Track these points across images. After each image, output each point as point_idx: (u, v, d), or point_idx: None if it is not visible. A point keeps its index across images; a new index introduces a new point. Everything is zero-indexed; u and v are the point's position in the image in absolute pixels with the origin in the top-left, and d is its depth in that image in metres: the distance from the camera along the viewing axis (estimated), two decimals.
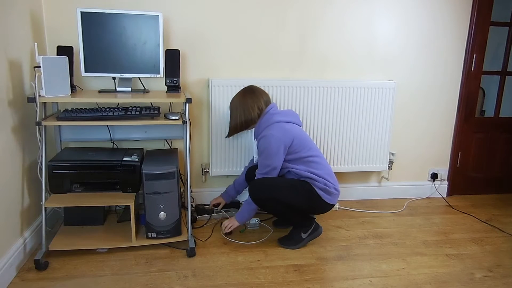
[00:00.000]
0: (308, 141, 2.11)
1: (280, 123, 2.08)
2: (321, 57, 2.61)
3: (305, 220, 2.14)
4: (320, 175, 2.05)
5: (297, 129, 2.11)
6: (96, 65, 2.13)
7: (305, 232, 2.14)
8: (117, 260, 1.95)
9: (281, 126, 2.06)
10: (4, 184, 1.75)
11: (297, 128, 2.12)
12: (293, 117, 2.15)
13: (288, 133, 2.04)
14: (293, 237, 2.15)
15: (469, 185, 3.07)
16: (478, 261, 2.08)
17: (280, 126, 2.06)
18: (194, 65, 2.46)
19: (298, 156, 2.07)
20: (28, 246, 1.95)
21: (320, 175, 2.05)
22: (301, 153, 2.07)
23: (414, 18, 2.67)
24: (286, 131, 2.05)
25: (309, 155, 2.07)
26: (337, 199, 2.13)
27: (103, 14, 2.08)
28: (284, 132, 2.04)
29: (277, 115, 2.11)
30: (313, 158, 2.08)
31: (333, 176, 2.11)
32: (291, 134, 2.05)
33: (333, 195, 2.08)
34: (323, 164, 2.10)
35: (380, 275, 1.90)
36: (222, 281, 1.81)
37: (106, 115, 1.90)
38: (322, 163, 2.10)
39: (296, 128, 2.11)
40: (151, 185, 1.96)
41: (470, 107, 2.90)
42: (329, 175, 2.08)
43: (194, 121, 2.54)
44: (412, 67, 2.75)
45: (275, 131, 2.03)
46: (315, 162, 2.08)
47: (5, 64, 1.76)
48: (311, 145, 2.11)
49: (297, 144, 2.06)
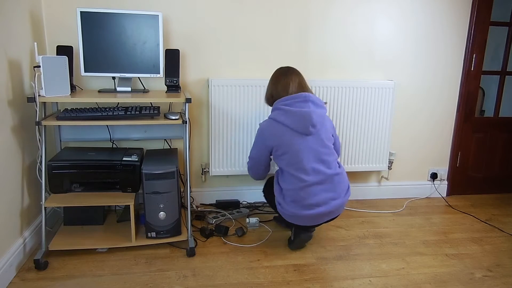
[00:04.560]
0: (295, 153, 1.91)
1: (274, 120, 1.97)
2: (321, 57, 2.61)
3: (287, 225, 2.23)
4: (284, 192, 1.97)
5: (289, 136, 1.92)
6: (96, 65, 2.13)
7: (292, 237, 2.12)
8: (117, 260, 1.95)
9: (273, 123, 1.96)
10: (4, 184, 1.75)
11: (289, 135, 1.92)
12: (295, 122, 1.91)
13: (274, 135, 1.94)
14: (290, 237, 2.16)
15: (469, 185, 3.07)
16: (477, 260, 2.08)
17: (272, 123, 1.97)
18: (194, 65, 2.46)
19: (280, 165, 1.98)
20: (28, 246, 1.95)
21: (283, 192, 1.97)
22: (280, 163, 1.97)
23: (414, 18, 2.67)
24: (274, 129, 1.94)
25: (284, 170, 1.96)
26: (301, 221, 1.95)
27: (103, 14, 2.07)
28: (272, 131, 1.95)
29: (277, 111, 1.97)
30: (286, 173, 1.95)
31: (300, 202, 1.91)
32: (277, 137, 1.93)
33: (288, 216, 1.96)
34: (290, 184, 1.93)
35: (380, 275, 1.90)
36: (222, 281, 1.81)
37: (106, 115, 1.90)
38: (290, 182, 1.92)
39: (288, 135, 1.92)
40: (151, 185, 1.96)
41: (469, 107, 2.90)
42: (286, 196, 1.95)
43: (194, 121, 2.54)
44: (412, 67, 2.75)
45: (266, 125, 1.99)
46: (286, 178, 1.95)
47: (5, 64, 1.76)
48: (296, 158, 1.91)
49: (280, 151, 1.94)
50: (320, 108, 1.99)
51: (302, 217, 1.94)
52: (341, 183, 1.98)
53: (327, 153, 1.96)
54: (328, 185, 1.94)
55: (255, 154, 2.06)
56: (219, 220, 2.41)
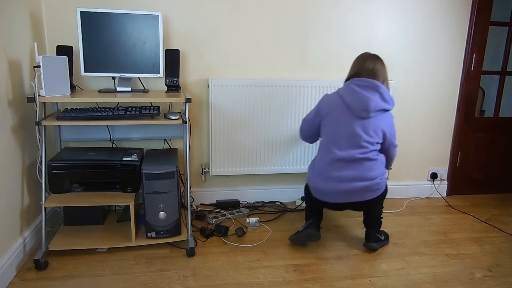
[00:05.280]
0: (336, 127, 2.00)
1: (336, 93, 2.07)
2: (321, 57, 2.61)
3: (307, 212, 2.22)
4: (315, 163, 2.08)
5: (341, 110, 1.99)
6: (95, 65, 2.13)
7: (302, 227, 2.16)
8: (117, 260, 1.95)
9: (333, 95, 2.07)
10: (4, 184, 1.75)
11: (342, 109, 1.99)
12: (352, 102, 1.97)
13: (329, 104, 2.05)
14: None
15: (469, 185, 3.07)
16: (477, 260, 2.08)
17: (333, 94, 2.07)
18: (194, 65, 2.46)
19: (323, 135, 2.08)
20: (28, 246, 1.95)
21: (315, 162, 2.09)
22: (322, 131, 2.09)
23: (414, 18, 2.67)
24: (331, 99, 2.05)
25: (323, 140, 2.07)
26: (321, 195, 2.05)
27: (102, 14, 2.07)
28: (328, 100, 2.06)
29: (345, 86, 2.04)
30: (323, 143, 2.06)
31: (319, 173, 2.03)
32: (330, 107, 2.03)
33: (312, 188, 2.09)
34: (321, 155, 2.05)
35: (380, 275, 1.90)
36: (222, 280, 1.81)
37: (106, 114, 1.90)
38: (321, 153, 2.06)
39: (340, 109, 1.99)
40: (150, 185, 1.96)
41: (469, 107, 2.91)
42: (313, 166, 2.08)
43: (194, 121, 2.54)
44: (411, 67, 2.75)
45: (328, 94, 2.10)
46: (321, 149, 2.07)
47: (5, 64, 1.76)
48: (334, 134, 2.00)
49: (326, 120, 2.04)
50: (385, 103, 2.00)
51: (324, 191, 2.02)
52: (372, 170, 1.98)
53: (368, 142, 1.97)
54: (356, 165, 1.97)
55: (310, 117, 2.16)
56: (219, 220, 2.41)
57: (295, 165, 2.65)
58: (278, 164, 2.63)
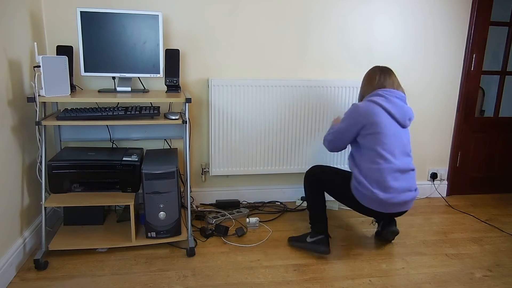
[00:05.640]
0: (389, 138, 1.94)
1: (372, 102, 1.98)
2: (320, 57, 2.61)
3: (316, 224, 2.10)
4: (365, 171, 1.95)
5: (387, 120, 1.95)
6: (95, 65, 2.13)
7: (311, 237, 2.09)
8: (117, 260, 1.95)
9: (372, 105, 1.97)
10: (4, 184, 1.75)
11: (388, 120, 1.96)
12: (395, 110, 1.97)
13: (372, 114, 1.93)
14: (300, 236, 2.15)
15: (469, 184, 3.07)
16: (477, 260, 2.08)
17: (372, 105, 1.97)
18: (194, 65, 2.46)
19: (366, 144, 1.96)
20: (28, 246, 1.95)
21: (364, 171, 1.95)
22: (369, 141, 1.95)
23: (414, 17, 2.67)
24: (373, 110, 1.95)
25: (375, 149, 1.93)
26: (376, 206, 1.94)
27: (102, 13, 2.07)
28: (370, 110, 1.94)
29: (377, 96, 2.01)
30: (376, 153, 1.93)
31: (383, 183, 1.91)
32: (375, 117, 1.93)
33: (366, 197, 1.93)
34: (380, 166, 1.92)
35: (380, 275, 1.90)
36: (222, 280, 1.81)
37: (106, 114, 1.90)
38: (380, 163, 1.92)
39: (386, 119, 1.95)
40: (150, 185, 1.96)
41: (469, 106, 2.91)
42: (372, 177, 1.93)
43: (194, 121, 2.54)
44: (411, 67, 2.76)
45: (364, 104, 1.98)
46: (374, 158, 1.93)
47: (5, 63, 1.76)
48: (389, 143, 1.94)
49: (374, 130, 1.93)
50: None
51: (381, 201, 1.92)
52: (414, 180, 2.05)
53: (410, 150, 2.05)
54: (408, 175, 2.00)
55: (343, 128, 2.03)
56: (219, 220, 2.41)
57: (295, 165, 2.65)
58: (278, 164, 2.63)
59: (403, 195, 1.95)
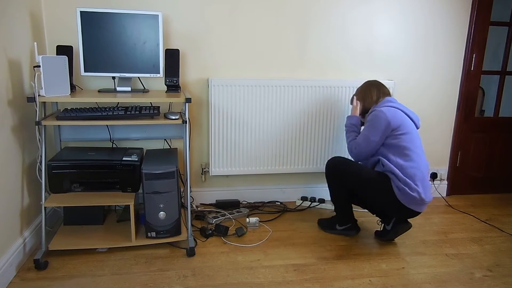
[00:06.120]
0: (415, 137, 2.08)
1: (391, 107, 2.10)
2: (320, 57, 2.61)
3: (343, 217, 2.25)
4: (406, 171, 2.00)
5: (408, 121, 2.10)
6: (95, 65, 2.13)
7: (340, 225, 2.27)
8: (117, 260, 1.95)
9: (393, 109, 2.09)
10: (4, 184, 1.75)
11: (409, 121, 2.11)
12: (411, 114, 2.14)
13: (398, 117, 2.06)
14: (329, 223, 2.32)
15: (469, 184, 3.07)
16: (477, 260, 2.08)
17: (392, 109, 2.09)
18: (194, 65, 2.46)
19: (398, 144, 2.04)
20: (27, 246, 1.95)
21: (405, 170, 2.00)
22: (402, 141, 2.04)
23: (414, 17, 2.67)
24: (396, 113, 2.07)
25: (409, 148, 2.03)
26: (420, 207, 2.02)
27: (102, 13, 2.07)
28: (394, 114, 2.06)
29: (393, 102, 2.15)
30: (411, 152, 2.03)
31: (423, 181, 2.02)
32: (401, 119, 2.06)
33: (410, 198, 1.98)
34: (418, 164, 2.02)
35: (380, 275, 1.90)
36: (222, 280, 1.81)
37: (106, 114, 1.90)
38: (417, 162, 2.02)
39: (408, 121, 2.09)
40: (150, 185, 1.96)
41: (469, 106, 2.91)
42: (416, 176, 2.00)
43: (194, 120, 2.54)
44: (411, 67, 2.75)
45: (386, 110, 2.08)
46: (411, 157, 2.02)
47: (5, 63, 1.76)
48: (416, 143, 2.07)
49: (402, 131, 2.04)
50: None
51: (422, 201, 2.01)
52: None
53: None
54: (427, 176, 2.09)
55: (375, 136, 2.06)
56: (219, 220, 2.41)
57: (295, 165, 2.65)
58: (278, 164, 2.63)
59: (430, 196, 2.06)
